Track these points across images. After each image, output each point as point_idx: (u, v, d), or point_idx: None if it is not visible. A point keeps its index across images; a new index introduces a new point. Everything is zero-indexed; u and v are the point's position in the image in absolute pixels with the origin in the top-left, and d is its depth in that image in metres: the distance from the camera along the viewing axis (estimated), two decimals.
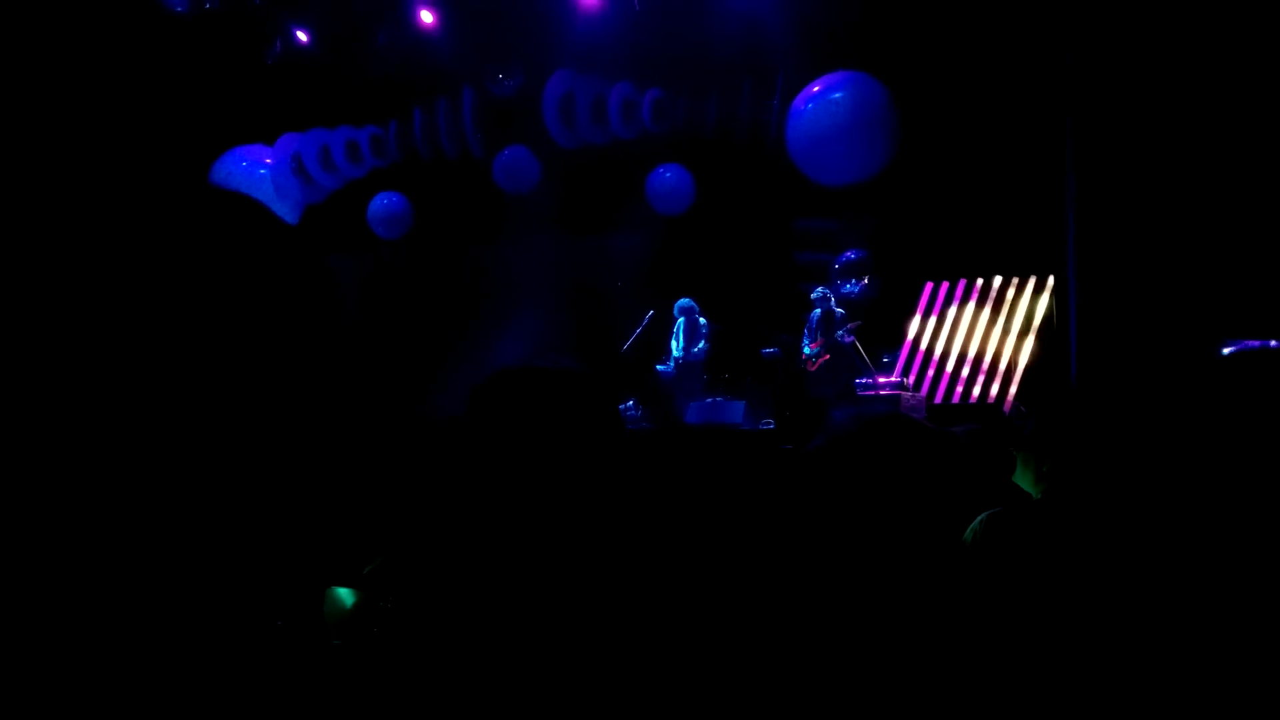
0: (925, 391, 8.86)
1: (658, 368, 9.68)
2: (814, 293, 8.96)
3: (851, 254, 9.47)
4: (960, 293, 9.17)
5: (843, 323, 8.73)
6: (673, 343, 9.66)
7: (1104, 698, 1.66)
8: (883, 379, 8.57)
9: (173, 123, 8.69)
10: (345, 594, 1.96)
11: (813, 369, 8.81)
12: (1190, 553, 1.88)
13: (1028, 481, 2.32)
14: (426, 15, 9.52)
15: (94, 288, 0.75)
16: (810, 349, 8.89)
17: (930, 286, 9.32)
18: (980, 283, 9.10)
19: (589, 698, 1.21)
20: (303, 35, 9.86)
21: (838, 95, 7.76)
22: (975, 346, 8.93)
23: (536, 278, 10.40)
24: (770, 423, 8.50)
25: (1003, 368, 8.73)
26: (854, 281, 9.38)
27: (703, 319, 9.61)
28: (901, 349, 9.24)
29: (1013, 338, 8.75)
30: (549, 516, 1.31)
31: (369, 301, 10.41)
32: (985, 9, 7.75)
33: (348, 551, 2.06)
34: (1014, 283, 8.92)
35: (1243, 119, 5.99)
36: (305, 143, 10.01)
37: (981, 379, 8.82)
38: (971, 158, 8.30)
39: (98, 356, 0.74)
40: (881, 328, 9.01)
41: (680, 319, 9.63)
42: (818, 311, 8.89)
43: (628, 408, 9.34)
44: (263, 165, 9.98)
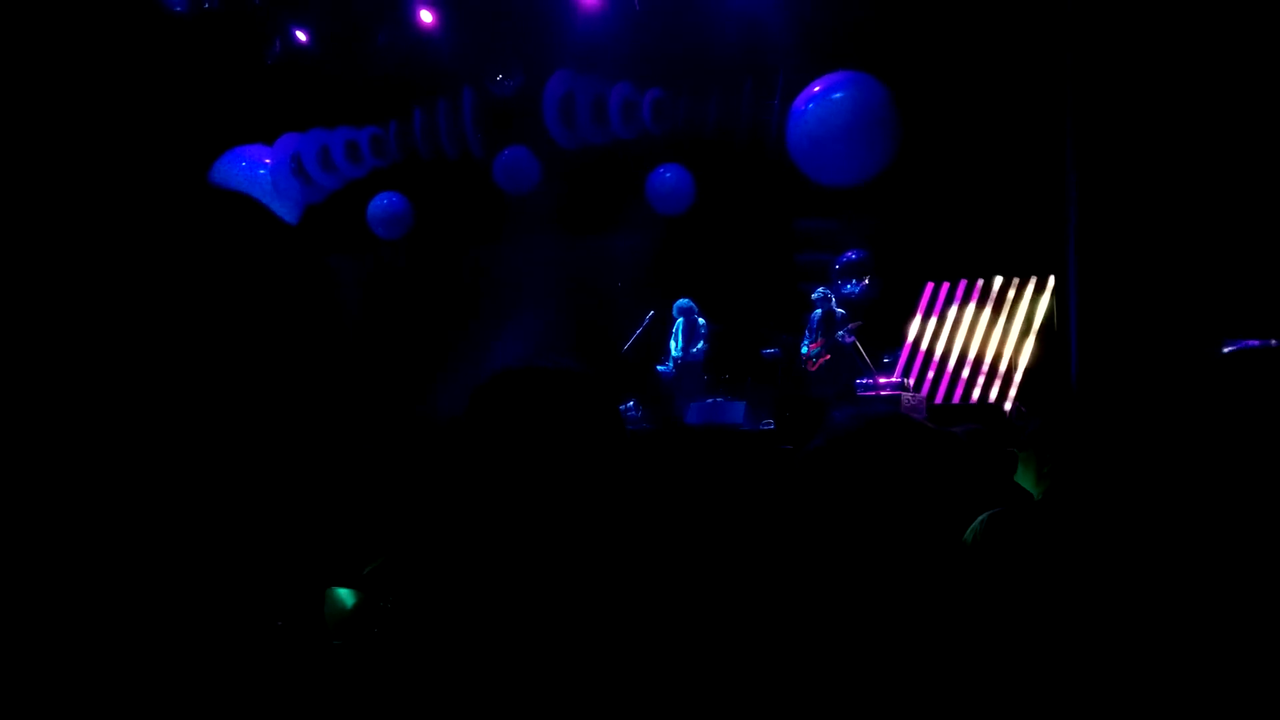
0: (926, 392, 8.86)
1: (658, 368, 9.68)
2: (815, 293, 8.97)
3: (852, 254, 9.46)
4: (961, 293, 9.17)
5: (843, 323, 8.74)
6: (671, 343, 9.66)
7: (1105, 697, 1.66)
8: (883, 379, 8.58)
9: (173, 123, 8.69)
10: (345, 594, 1.96)
11: (813, 369, 8.81)
12: (1191, 552, 1.88)
13: (1029, 481, 2.31)
14: (426, 15, 9.52)
15: (95, 287, 0.75)
16: (809, 349, 8.89)
17: (931, 287, 9.32)
18: (981, 283, 9.10)
19: (590, 698, 1.21)
20: (302, 35, 9.86)
21: (838, 95, 7.77)
22: (976, 347, 8.93)
23: (537, 278, 10.40)
24: (770, 423, 8.50)
25: (1003, 368, 8.73)
26: (854, 282, 9.37)
27: (701, 319, 9.61)
28: (902, 349, 9.24)
29: (1013, 338, 8.75)
30: (550, 517, 1.31)
31: (369, 301, 10.41)
32: (985, 9, 7.76)
33: (348, 551, 2.06)
34: (1014, 283, 8.93)
35: (1243, 119, 5.99)
36: (305, 143, 10.00)
37: (982, 379, 8.82)
38: (971, 158, 8.31)
39: (98, 356, 0.74)
40: (882, 328, 9.01)
41: (679, 319, 9.62)
42: (818, 312, 8.90)
43: (628, 408, 9.33)
44: (262, 165, 9.98)
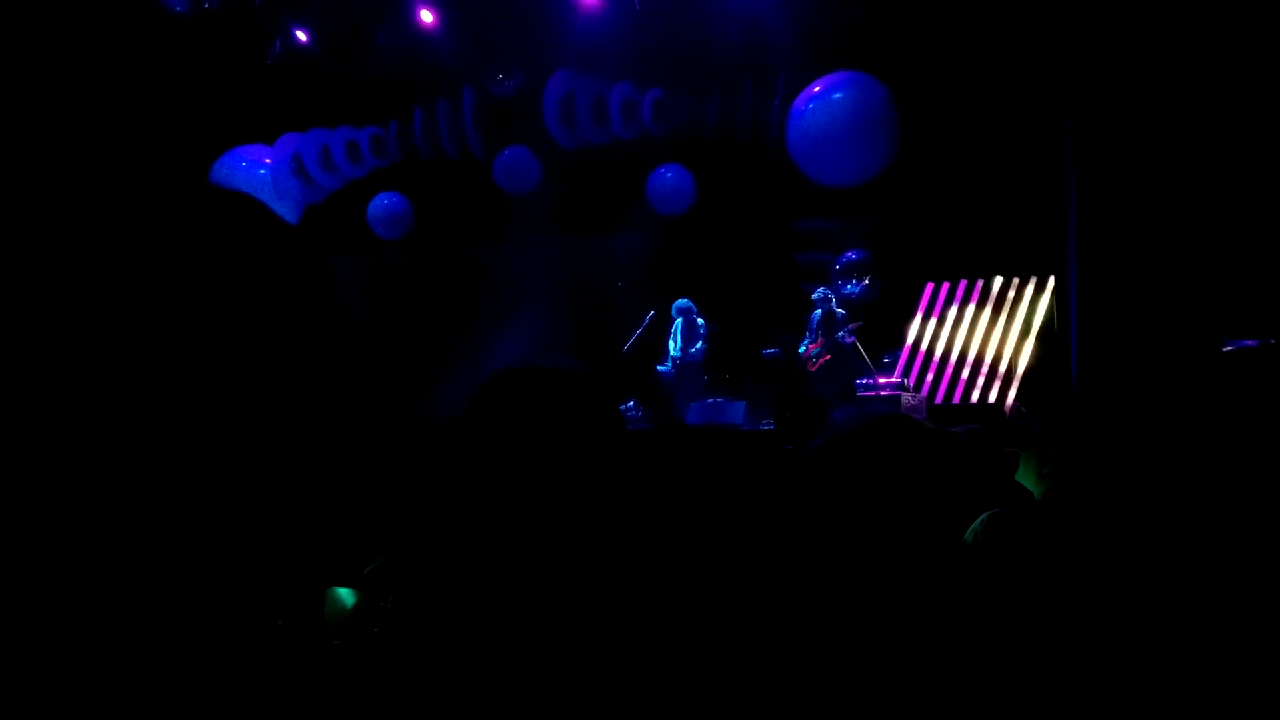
0: (926, 392, 8.86)
1: (658, 368, 9.68)
2: (815, 293, 8.97)
3: (852, 254, 9.46)
4: (961, 293, 9.17)
5: (844, 323, 8.74)
6: (670, 343, 9.66)
7: (1105, 697, 1.66)
8: (883, 379, 8.58)
9: (173, 123, 8.69)
10: (345, 594, 1.96)
11: (813, 369, 8.81)
12: (1191, 551, 1.88)
13: (1030, 481, 2.31)
14: (426, 15, 9.52)
15: (95, 287, 0.75)
16: (808, 349, 8.89)
17: (931, 287, 9.32)
18: (981, 283, 9.10)
19: (590, 698, 1.21)
20: (303, 35, 9.86)
21: (838, 95, 7.77)
22: (976, 347, 8.92)
23: (537, 278, 10.39)
24: (770, 423, 8.50)
25: (1003, 369, 8.73)
26: (855, 282, 9.37)
27: (700, 319, 9.61)
28: (902, 349, 9.24)
29: (1013, 338, 8.74)
30: (550, 517, 1.31)
31: (369, 301, 10.41)
32: (985, 9, 7.76)
33: (348, 551, 2.06)
34: (1014, 283, 8.93)
35: (1243, 119, 5.99)
36: (305, 143, 10.01)
37: (982, 380, 8.82)
38: (971, 158, 8.30)
39: (98, 356, 0.74)
40: (882, 328, 9.01)
41: (678, 319, 9.62)
42: (819, 312, 8.89)
43: (628, 408, 9.33)
44: (263, 165, 9.98)
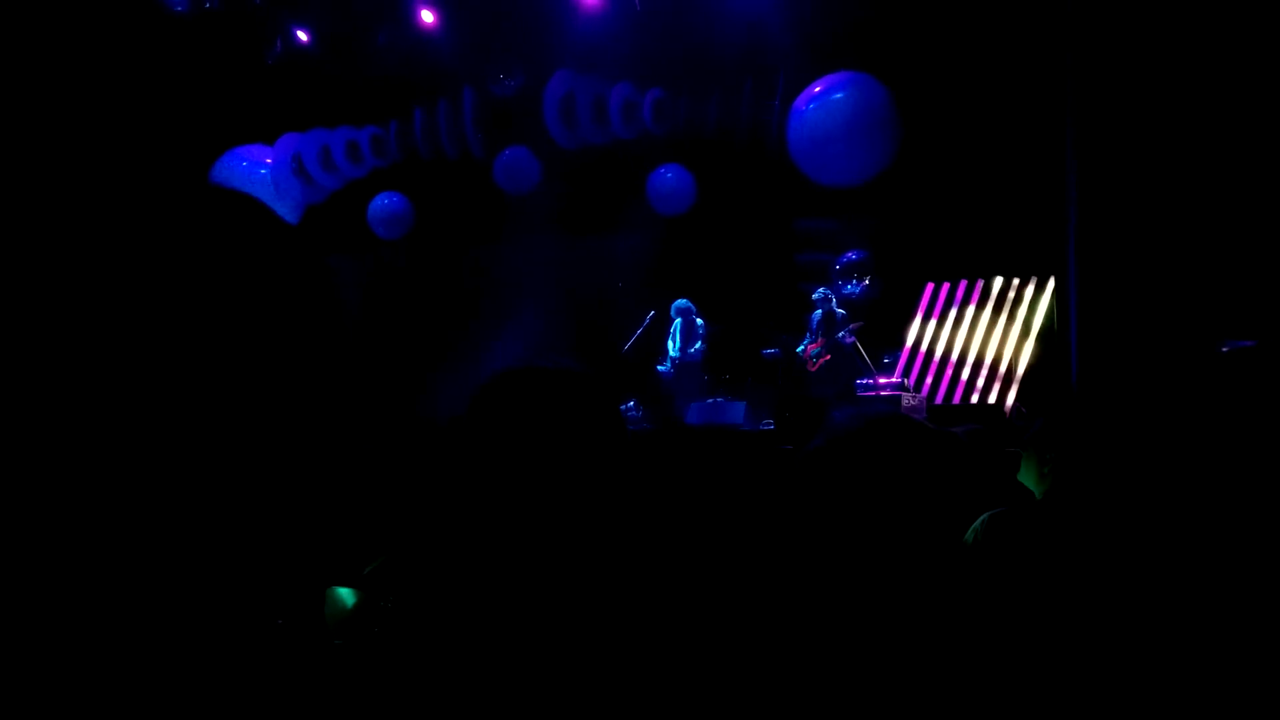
0: (926, 392, 8.86)
1: (658, 368, 9.68)
2: (815, 293, 8.97)
3: (852, 254, 9.46)
4: (961, 294, 9.17)
5: (844, 323, 8.74)
6: (669, 343, 9.66)
7: (1106, 697, 1.66)
8: (883, 380, 8.58)
9: (173, 123, 8.69)
10: (345, 594, 1.96)
11: (813, 369, 8.81)
12: (1192, 551, 1.87)
13: (1031, 481, 2.31)
14: (426, 15, 9.52)
15: (95, 287, 0.75)
16: (807, 348, 8.89)
17: (931, 287, 9.32)
18: (981, 284, 9.10)
19: (590, 698, 1.21)
20: (303, 35, 9.86)
21: (839, 96, 7.77)
22: (976, 347, 8.93)
23: (537, 278, 10.39)
24: (770, 423, 8.50)
25: (1003, 369, 8.73)
26: (855, 282, 9.37)
27: (700, 319, 9.61)
28: (902, 350, 9.24)
29: (1013, 339, 8.74)
30: (550, 517, 1.31)
31: (369, 301, 10.40)
32: (985, 9, 7.75)
33: (348, 551, 2.06)
34: (1014, 284, 8.92)
35: (1243, 119, 5.99)
36: (305, 143, 10.00)
37: (982, 380, 8.82)
38: (971, 158, 8.30)
39: (99, 356, 0.74)
40: (882, 328, 9.01)
41: (677, 319, 9.62)
42: (819, 312, 8.89)
43: (628, 408, 9.33)
44: (263, 165, 9.98)
